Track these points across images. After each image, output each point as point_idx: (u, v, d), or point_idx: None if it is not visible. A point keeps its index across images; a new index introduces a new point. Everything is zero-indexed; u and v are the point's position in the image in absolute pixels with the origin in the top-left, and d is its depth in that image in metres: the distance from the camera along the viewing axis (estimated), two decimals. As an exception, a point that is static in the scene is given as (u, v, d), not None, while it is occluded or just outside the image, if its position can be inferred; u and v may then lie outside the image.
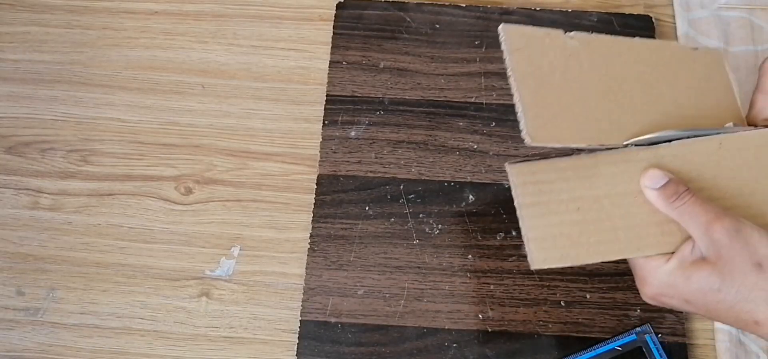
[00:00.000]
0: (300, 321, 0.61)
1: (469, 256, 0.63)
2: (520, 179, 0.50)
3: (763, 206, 0.51)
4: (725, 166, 0.52)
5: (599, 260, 0.49)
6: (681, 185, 0.49)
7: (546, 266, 0.48)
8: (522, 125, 0.49)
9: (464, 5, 0.73)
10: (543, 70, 0.51)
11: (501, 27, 0.50)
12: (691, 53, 0.56)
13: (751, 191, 0.51)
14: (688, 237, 0.49)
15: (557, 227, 0.49)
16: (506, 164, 0.50)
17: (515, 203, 0.50)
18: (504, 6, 0.73)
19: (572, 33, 0.52)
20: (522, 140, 0.68)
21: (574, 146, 0.50)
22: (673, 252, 0.49)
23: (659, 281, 0.48)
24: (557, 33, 0.52)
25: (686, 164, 0.51)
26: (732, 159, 0.52)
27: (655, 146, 0.51)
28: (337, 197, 0.65)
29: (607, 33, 0.71)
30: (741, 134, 0.53)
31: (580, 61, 0.52)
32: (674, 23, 0.73)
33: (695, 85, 0.56)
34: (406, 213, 0.65)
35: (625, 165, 0.51)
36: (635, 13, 0.73)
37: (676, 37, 0.72)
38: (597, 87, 0.52)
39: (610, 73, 0.53)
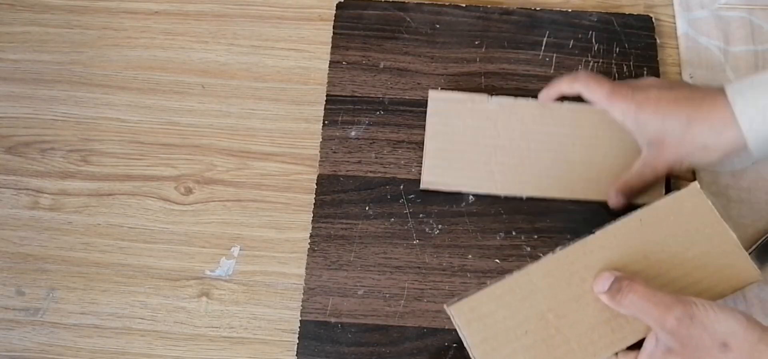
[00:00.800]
0: (300, 321, 0.61)
1: (469, 256, 0.63)
2: (463, 319, 0.51)
3: (699, 271, 0.52)
4: (651, 241, 0.53)
5: None
6: (622, 279, 0.49)
7: None
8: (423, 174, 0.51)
9: (464, 5, 0.73)
10: (454, 129, 0.53)
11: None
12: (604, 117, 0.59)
13: (681, 261, 0.53)
14: (638, 326, 0.50)
15: (512, 357, 0.50)
16: (445, 306, 0.52)
17: (464, 344, 0.51)
18: (504, 6, 0.73)
19: (495, 98, 0.54)
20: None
21: (461, 190, 0.51)
22: (629, 348, 0.50)
23: None
24: (482, 97, 0.56)
25: (615, 250, 0.53)
26: (656, 232, 0.53)
27: (581, 241, 0.53)
28: (337, 197, 0.65)
29: (607, 33, 0.72)
30: (657, 204, 0.54)
31: (495, 122, 0.54)
32: (674, 23, 0.73)
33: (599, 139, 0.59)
34: (406, 213, 0.65)
35: (557, 272, 0.52)
36: (635, 13, 0.73)
37: (676, 37, 0.72)
38: (501, 142, 0.53)
39: (521, 131, 0.55)
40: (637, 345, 0.50)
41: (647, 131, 0.58)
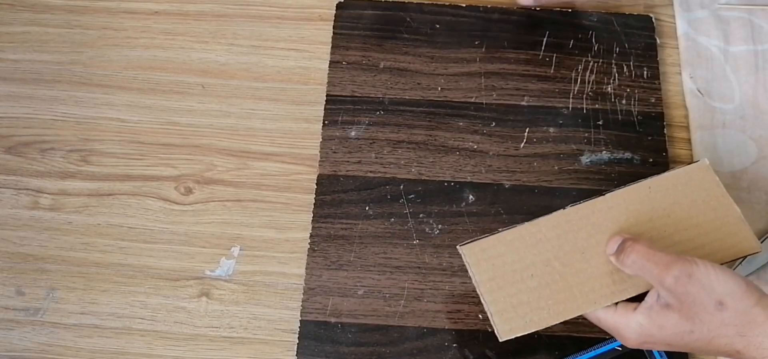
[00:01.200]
0: (300, 321, 0.61)
1: (469, 256, 0.63)
2: (473, 258, 0.55)
3: (702, 237, 0.55)
4: (658, 207, 0.56)
5: (561, 320, 0.53)
6: (626, 240, 0.51)
7: (513, 337, 0.53)
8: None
9: (464, 5, 0.73)
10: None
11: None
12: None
13: (686, 226, 0.55)
14: (640, 281, 0.52)
15: (516, 296, 0.53)
16: (458, 246, 0.55)
17: (473, 280, 0.54)
18: (504, 6, 0.73)
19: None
20: (520, 141, 0.69)
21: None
22: (630, 300, 0.51)
23: (635, 332, 0.50)
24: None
25: (623, 211, 0.55)
26: (663, 199, 0.56)
27: (590, 200, 0.56)
28: (337, 197, 0.65)
29: (607, 33, 0.72)
30: (666, 175, 0.57)
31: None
32: (674, 23, 0.73)
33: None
34: (406, 213, 0.65)
35: (566, 226, 0.55)
36: (635, 13, 0.73)
37: (676, 37, 0.72)
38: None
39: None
40: (638, 299, 0.51)
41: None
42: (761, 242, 0.61)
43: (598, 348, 0.59)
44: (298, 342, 0.60)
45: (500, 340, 0.52)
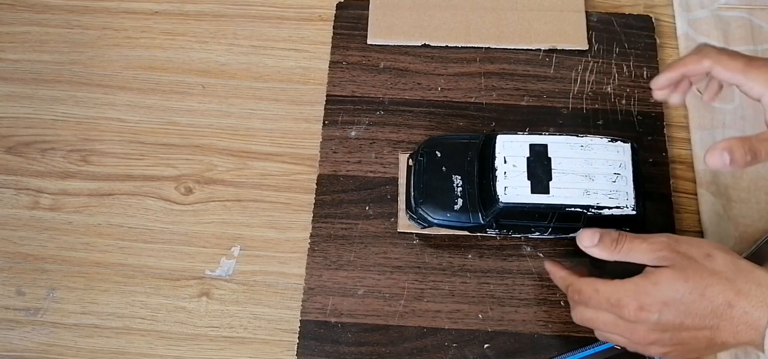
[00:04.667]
0: (300, 320, 0.61)
1: (469, 256, 0.63)
2: None
3: None
4: None
5: None
6: (613, 233, 0.54)
7: None
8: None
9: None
10: None
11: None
12: None
13: None
14: None
15: None
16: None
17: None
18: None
19: None
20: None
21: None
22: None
23: (632, 293, 0.51)
24: None
25: None
26: None
27: None
28: (337, 197, 0.65)
29: (607, 33, 0.72)
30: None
31: None
32: (674, 23, 0.73)
33: None
34: (406, 213, 0.64)
35: None
36: (635, 13, 0.73)
37: (675, 37, 0.72)
38: None
39: None
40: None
41: None
42: (762, 243, 0.61)
43: (597, 346, 0.59)
44: (298, 341, 0.60)
45: None
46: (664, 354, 0.53)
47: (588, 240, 0.54)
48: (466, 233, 0.63)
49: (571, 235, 0.58)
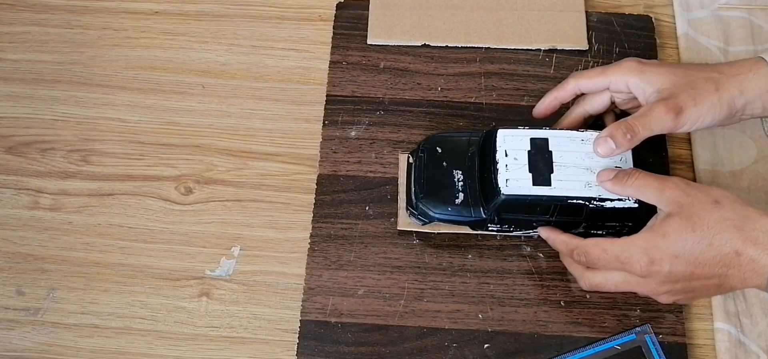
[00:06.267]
0: (300, 321, 0.61)
1: (469, 256, 0.63)
2: None
3: None
4: None
5: None
6: (625, 170, 0.55)
7: None
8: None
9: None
10: None
11: None
12: None
13: None
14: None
15: None
16: None
17: None
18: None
19: None
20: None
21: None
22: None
23: (640, 248, 0.52)
24: None
25: None
26: None
27: None
28: (337, 197, 0.65)
29: (607, 33, 0.72)
30: None
31: None
32: (674, 23, 0.73)
33: None
34: (406, 213, 0.64)
35: None
36: (635, 13, 0.73)
37: (676, 37, 0.72)
38: None
39: None
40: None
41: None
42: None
43: (597, 346, 0.59)
44: (298, 341, 0.60)
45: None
46: (673, 301, 0.55)
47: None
48: (466, 232, 0.62)
49: (572, 232, 0.58)
